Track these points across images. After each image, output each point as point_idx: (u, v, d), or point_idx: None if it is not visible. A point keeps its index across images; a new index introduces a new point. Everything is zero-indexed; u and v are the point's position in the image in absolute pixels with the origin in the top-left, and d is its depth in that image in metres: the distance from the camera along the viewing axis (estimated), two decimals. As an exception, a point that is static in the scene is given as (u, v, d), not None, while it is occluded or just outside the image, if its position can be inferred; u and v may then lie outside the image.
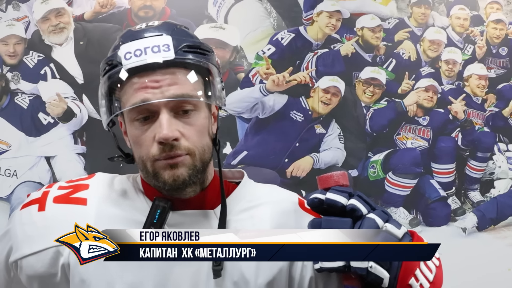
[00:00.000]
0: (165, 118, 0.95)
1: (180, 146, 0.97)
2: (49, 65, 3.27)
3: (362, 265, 0.92)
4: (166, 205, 1.01)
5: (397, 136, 3.57)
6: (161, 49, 0.97)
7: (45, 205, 1.04)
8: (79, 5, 3.34)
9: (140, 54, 0.97)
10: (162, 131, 0.95)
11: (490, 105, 3.74)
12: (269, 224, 1.04)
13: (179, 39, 0.99)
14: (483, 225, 3.57)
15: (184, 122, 0.98)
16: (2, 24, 3.27)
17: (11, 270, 1.06)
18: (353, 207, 0.94)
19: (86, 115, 3.26)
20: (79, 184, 1.08)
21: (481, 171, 3.69)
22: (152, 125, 0.97)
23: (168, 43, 0.98)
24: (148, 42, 0.98)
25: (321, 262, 0.94)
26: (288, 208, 1.07)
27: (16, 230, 1.05)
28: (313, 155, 3.37)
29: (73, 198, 1.04)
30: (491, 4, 3.77)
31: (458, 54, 3.66)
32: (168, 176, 0.97)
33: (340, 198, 0.95)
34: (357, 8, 3.51)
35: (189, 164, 0.98)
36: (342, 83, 3.38)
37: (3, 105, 3.25)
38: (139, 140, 0.98)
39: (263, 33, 3.44)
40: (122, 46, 0.99)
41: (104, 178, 1.10)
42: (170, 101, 0.96)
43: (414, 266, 0.94)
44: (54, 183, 1.10)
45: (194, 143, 0.98)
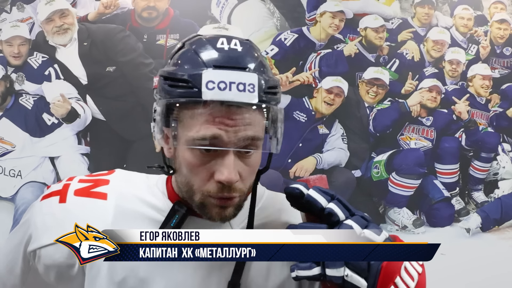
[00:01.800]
0: (231, 161, 0.92)
1: (237, 188, 0.94)
2: (53, 66, 3.29)
3: (338, 274, 0.90)
4: (184, 211, 1.00)
5: (400, 136, 3.56)
6: (246, 88, 0.91)
7: (66, 197, 1.04)
8: (83, 6, 3.36)
9: (224, 88, 0.90)
10: (226, 174, 0.92)
11: (494, 105, 3.73)
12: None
13: (263, 79, 0.94)
14: (487, 226, 3.56)
15: (245, 162, 0.95)
16: (6, 25, 3.29)
17: (29, 259, 1.07)
18: (330, 211, 0.92)
19: (90, 115, 3.28)
20: (99, 179, 1.08)
21: (485, 172, 3.68)
22: (213, 160, 0.93)
23: (253, 83, 0.92)
24: (234, 77, 0.91)
25: (296, 270, 0.92)
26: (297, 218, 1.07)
27: (36, 220, 1.05)
28: (316, 155, 3.37)
29: (94, 192, 1.05)
30: (495, 4, 3.77)
31: (462, 54, 3.66)
32: (216, 214, 0.96)
33: (321, 199, 0.93)
34: (360, 9, 3.52)
35: (236, 205, 0.96)
36: (345, 83, 3.38)
37: (8, 105, 3.26)
38: (195, 170, 0.95)
39: (266, 33, 3.44)
40: (205, 72, 0.91)
41: (124, 175, 1.10)
42: (240, 141, 0.92)
43: (394, 273, 0.91)
44: (74, 177, 1.10)
45: (246, 184, 0.96)
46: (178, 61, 0.96)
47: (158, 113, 0.95)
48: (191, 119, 0.93)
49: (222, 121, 0.91)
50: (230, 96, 0.90)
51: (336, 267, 0.90)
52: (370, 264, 0.90)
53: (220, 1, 3.41)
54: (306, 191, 0.93)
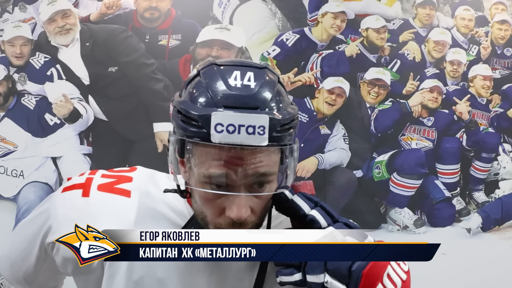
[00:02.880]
0: (241, 200, 0.92)
1: (249, 221, 0.94)
2: (55, 66, 3.29)
3: (318, 280, 0.90)
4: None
5: (401, 136, 3.57)
6: (256, 131, 0.89)
7: (89, 192, 1.04)
8: (85, 6, 3.36)
9: (233, 131, 0.89)
10: (235, 211, 0.92)
11: (494, 106, 3.74)
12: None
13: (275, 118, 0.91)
14: (488, 226, 3.57)
15: (257, 196, 0.94)
16: (9, 26, 3.29)
17: (47, 249, 1.07)
18: (312, 218, 0.93)
19: (92, 116, 3.28)
20: (122, 176, 1.07)
21: (486, 172, 3.69)
22: (225, 196, 0.93)
23: (264, 125, 0.89)
24: (244, 120, 0.89)
25: (280, 276, 0.93)
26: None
27: (57, 211, 1.05)
28: (318, 155, 3.37)
29: (117, 189, 1.04)
30: (496, 4, 3.77)
31: (463, 55, 3.67)
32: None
33: (304, 206, 0.93)
34: (361, 9, 3.52)
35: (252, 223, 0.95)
36: (347, 84, 3.39)
37: (10, 106, 3.27)
38: (207, 203, 0.95)
39: (268, 34, 3.45)
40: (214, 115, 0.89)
41: (147, 173, 1.09)
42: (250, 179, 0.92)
43: (376, 280, 0.91)
44: (96, 170, 1.09)
45: (258, 215, 0.96)
46: (190, 93, 0.95)
47: (172, 143, 0.96)
48: (202, 156, 0.93)
49: (231, 161, 0.91)
50: (239, 140, 0.89)
51: (315, 274, 0.90)
52: (351, 271, 0.90)
53: (222, 2, 3.41)
54: (291, 196, 0.94)
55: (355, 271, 0.90)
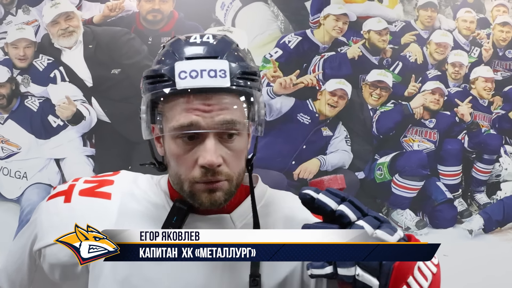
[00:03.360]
0: (211, 144, 0.95)
1: (222, 171, 0.97)
2: (58, 68, 3.30)
3: (349, 273, 0.90)
4: (186, 207, 1.02)
5: (403, 138, 3.58)
6: (217, 74, 0.96)
7: (71, 197, 1.07)
8: (88, 9, 3.37)
9: (195, 76, 0.95)
10: (207, 156, 0.95)
11: (496, 108, 3.74)
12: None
13: (235, 65, 0.98)
14: (490, 227, 3.57)
15: (227, 147, 0.98)
16: (12, 28, 3.31)
17: (35, 258, 1.09)
18: (341, 213, 0.92)
19: (95, 117, 3.29)
20: (104, 179, 1.10)
21: (488, 173, 3.69)
22: (196, 146, 0.97)
23: (224, 69, 0.96)
24: (205, 65, 0.96)
25: (311, 269, 0.93)
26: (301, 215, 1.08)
27: (42, 219, 1.08)
28: (320, 157, 3.38)
29: (98, 192, 1.07)
30: (498, 7, 3.78)
31: (465, 56, 3.67)
32: (206, 200, 0.98)
33: (330, 202, 0.93)
34: (363, 11, 3.52)
35: (226, 190, 0.99)
36: (349, 85, 3.40)
37: (13, 108, 3.28)
38: (180, 159, 0.98)
39: (270, 36, 3.46)
40: (177, 64, 0.97)
41: (129, 175, 1.12)
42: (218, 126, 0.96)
43: (407, 273, 0.91)
44: (80, 178, 1.12)
45: (233, 168, 0.99)
46: (157, 60, 1.03)
47: (143, 111, 1.01)
48: (171, 111, 0.97)
49: (198, 108, 0.96)
50: (201, 83, 0.95)
51: (347, 267, 0.90)
52: (382, 264, 0.90)
53: (224, 4, 3.43)
54: (316, 195, 0.95)
55: (386, 264, 0.90)
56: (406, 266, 0.91)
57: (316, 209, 0.96)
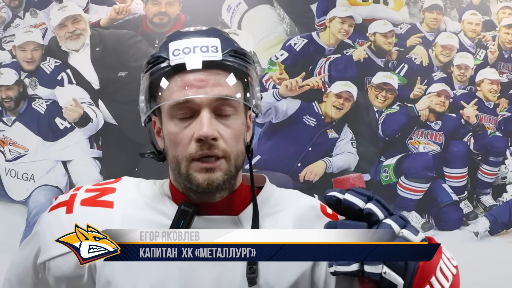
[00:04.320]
0: (206, 117, 0.96)
1: (219, 146, 0.97)
2: (65, 71, 3.32)
3: (376, 271, 0.91)
4: (192, 209, 1.01)
5: (409, 140, 3.58)
6: (209, 50, 0.98)
7: (72, 208, 1.06)
8: (95, 12, 3.39)
9: (188, 52, 0.98)
10: (203, 128, 0.95)
11: (502, 110, 3.74)
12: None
13: (227, 43, 1.01)
14: (496, 229, 3.56)
15: (224, 124, 0.98)
16: (20, 31, 3.33)
17: (39, 271, 1.08)
18: (369, 211, 0.93)
19: (102, 120, 3.30)
20: (106, 188, 1.09)
21: (493, 176, 3.69)
22: (192, 123, 0.98)
23: (216, 45, 0.99)
24: (197, 42, 0.99)
25: (335, 266, 0.94)
26: (311, 213, 1.08)
27: (44, 232, 1.07)
28: (326, 159, 3.39)
29: (100, 201, 1.06)
30: (503, 9, 3.77)
31: (470, 59, 3.67)
32: (202, 180, 0.98)
33: (357, 201, 0.94)
34: (369, 14, 3.53)
35: (225, 169, 0.98)
36: (355, 88, 3.40)
37: (21, 110, 3.30)
38: (177, 138, 0.99)
39: (276, 38, 3.46)
40: (171, 43, 1.00)
41: (131, 182, 1.11)
42: (212, 101, 0.97)
43: (430, 273, 0.92)
44: (82, 186, 1.11)
45: (230, 146, 0.99)
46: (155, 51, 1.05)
47: (142, 101, 1.03)
48: (167, 90, 0.99)
49: (192, 84, 0.97)
50: (194, 57, 0.98)
51: (374, 264, 0.91)
52: (408, 263, 0.92)
53: (230, 7, 3.44)
54: (342, 196, 0.95)
55: (411, 263, 0.91)
56: (430, 267, 0.92)
57: (342, 209, 0.96)
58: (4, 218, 3.24)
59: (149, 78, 1.01)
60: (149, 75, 1.01)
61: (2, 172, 3.28)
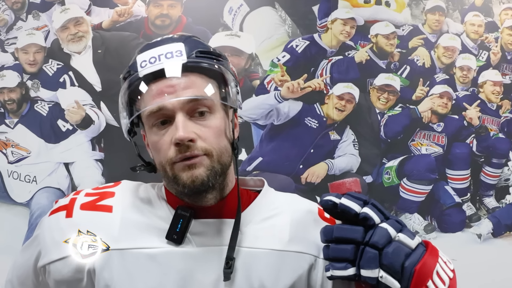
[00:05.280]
0: (180, 120, 0.98)
1: (197, 146, 0.98)
2: (68, 73, 3.32)
3: (373, 275, 0.92)
4: (188, 213, 1.03)
5: (411, 142, 3.57)
6: (174, 55, 1.00)
7: (72, 212, 1.07)
8: (97, 14, 3.39)
9: (154, 61, 1.00)
10: (178, 132, 0.97)
11: (505, 111, 3.73)
12: (289, 234, 1.06)
13: (191, 46, 1.02)
14: (499, 231, 3.55)
15: (200, 124, 1.00)
16: (22, 33, 3.34)
17: (40, 274, 1.09)
18: (365, 215, 0.94)
19: (104, 122, 3.31)
20: (105, 192, 1.10)
21: (496, 177, 3.68)
22: (169, 129, 0.99)
23: (180, 49, 1.01)
24: (162, 50, 1.01)
25: (332, 270, 0.95)
26: (308, 218, 1.08)
27: (44, 235, 1.08)
28: (328, 161, 3.38)
29: (99, 206, 1.07)
30: (506, 10, 3.76)
31: (473, 60, 3.66)
32: (186, 177, 0.99)
33: (353, 205, 0.95)
34: (371, 15, 3.52)
35: (207, 165, 0.99)
36: (357, 89, 3.40)
37: (23, 112, 3.31)
38: (158, 145, 1.01)
39: (278, 40, 3.46)
40: (138, 56, 1.02)
41: (130, 186, 1.13)
42: (185, 105, 0.98)
43: (426, 277, 0.93)
44: (81, 190, 1.13)
45: (211, 144, 1.00)
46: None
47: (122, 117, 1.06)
48: (143, 102, 1.01)
49: (162, 90, 0.99)
50: (160, 65, 0.99)
51: (371, 268, 0.92)
52: (404, 267, 0.92)
53: (232, 9, 3.44)
54: (339, 200, 0.96)
55: (407, 267, 0.92)
56: (426, 270, 0.93)
57: (339, 214, 0.97)
58: (6, 220, 3.25)
59: (125, 93, 1.03)
60: (124, 90, 1.04)
61: (4, 174, 3.29)
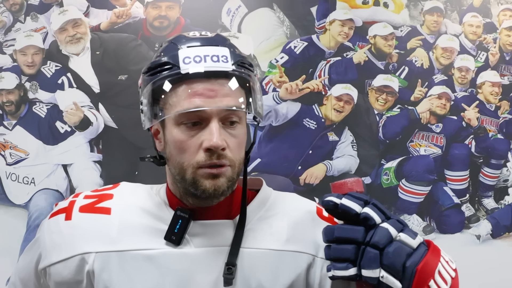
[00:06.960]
0: (216, 127, 0.97)
1: (226, 155, 0.98)
2: (66, 74, 3.32)
3: (373, 275, 0.92)
4: (187, 215, 1.02)
5: (410, 143, 3.57)
6: (220, 59, 0.98)
7: (71, 215, 1.07)
8: (95, 15, 3.39)
9: (199, 61, 0.98)
10: (213, 139, 0.96)
11: (503, 112, 3.73)
12: (287, 234, 1.06)
13: (235, 54, 1.01)
14: (498, 232, 3.55)
15: (230, 133, 0.99)
16: (21, 35, 3.33)
17: (41, 277, 1.10)
18: (366, 215, 0.93)
19: (102, 123, 3.31)
20: (104, 194, 1.10)
21: (495, 178, 3.68)
22: (200, 131, 0.98)
23: (226, 55, 0.99)
24: (208, 51, 0.99)
25: (333, 270, 0.95)
26: (306, 217, 1.08)
27: (44, 238, 1.09)
28: (326, 162, 3.38)
29: (98, 208, 1.07)
30: (504, 11, 3.77)
31: (471, 61, 3.66)
32: (209, 185, 0.98)
33: (354, 206, 0.94)
34: (369, 17, 3.53)
35: (229, 176, 0.99)
36: (355, 90, 3.40)
37: (22, 114, 3.31)
38: (184, 145, 0.99)
39: (276, 41, 3.46)
40: (181, 50, 0.99)
41: (128, 188, 1.12)
42: (221, 112, 0.97)
43: (428, 276, 0.92)
44: (81, 193, 1.13)
45: (235, 155, 1.00)
46: (157, 55, 1.04)
47: (145, 104, 1.01)
48: (175, 97, 0.98)
49: (202, 93, 0.97)
50: (208, 67, 0.97)
51: (371, 268, 0.92)
52: (405, 267, 0.92)
53: (230, 10, 3.44)
54: (339, 201, 0.96)
55: (409, 267, 0.91)
56: (428, 270, 0.92)
57: (340, 214, 0.97)
58: (4, 221, 3.25)
59: (155, 82, 1.00)
60: (155, 79, 1.00)
61: (3, 176, 3.29)
